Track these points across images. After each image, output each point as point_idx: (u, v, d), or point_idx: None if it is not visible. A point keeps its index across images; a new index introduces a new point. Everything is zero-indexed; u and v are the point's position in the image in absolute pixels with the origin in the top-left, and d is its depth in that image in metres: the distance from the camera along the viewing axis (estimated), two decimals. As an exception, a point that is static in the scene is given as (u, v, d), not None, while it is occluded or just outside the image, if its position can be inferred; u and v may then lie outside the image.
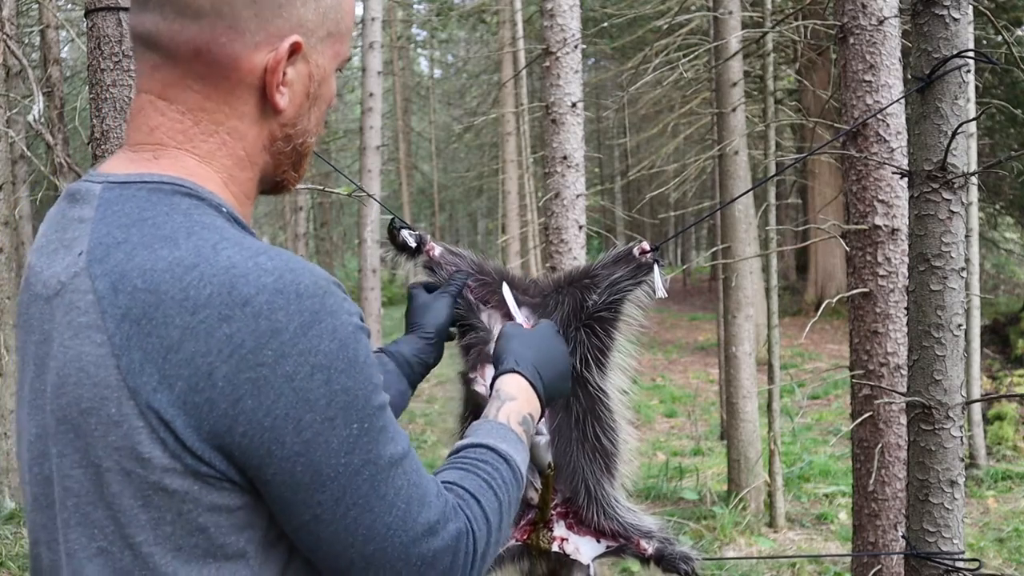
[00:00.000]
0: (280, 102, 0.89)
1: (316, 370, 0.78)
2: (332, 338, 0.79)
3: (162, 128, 0.88)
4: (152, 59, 0.87)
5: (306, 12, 0.88)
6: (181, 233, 0.81)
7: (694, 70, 7.32)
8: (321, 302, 0.80)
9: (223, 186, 0.89)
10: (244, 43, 0.85)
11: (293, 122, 0.92)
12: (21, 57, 4.83)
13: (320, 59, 0.91)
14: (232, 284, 0.77)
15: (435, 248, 1.52)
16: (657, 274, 1.48)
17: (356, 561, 0.83)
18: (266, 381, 0.77)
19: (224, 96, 0.87)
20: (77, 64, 13.03)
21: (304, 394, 0.78)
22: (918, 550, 1.58)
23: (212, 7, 0.84)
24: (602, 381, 1.50)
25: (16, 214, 6.25)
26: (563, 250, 3.30)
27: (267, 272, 0.79)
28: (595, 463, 1.49)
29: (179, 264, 0.78)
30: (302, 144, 0.95)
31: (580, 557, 1.50)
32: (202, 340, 0.76)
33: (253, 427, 0.77)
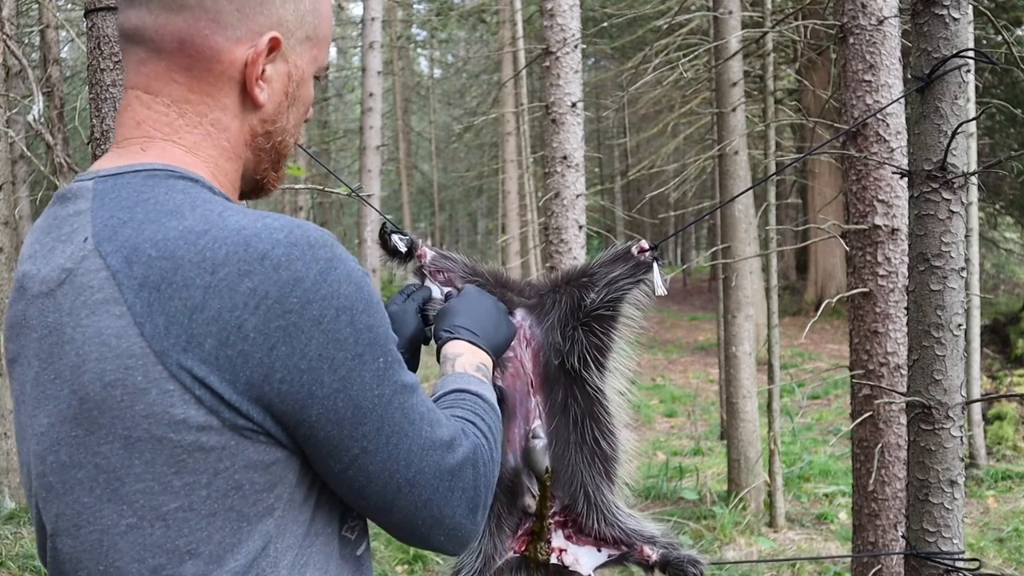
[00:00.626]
0: (259, 96, 0.92)
1: (341, 312, 0.83)
2: (349, 281, 0.84)
3: (148, 121, 0.91)
4: (138, 54, 0.91)
5: (285, 12, 0.92)
6: (186, 207, 0.84)
7: (694, 70, 7.32)
8: (332, 251, 0.84)
9: (211, 175, 0.92)
10: (226, 36, 0.89)
11: (273, 119, 0.96)
12: (21, 57, 4.82)
13: (299, 60, 0.96)
14: (247, 242, 0.81)
15: (427, 253, 1.50)
16: (656, 272, 1.47)
17: (403, 487, 0.89)
18: (296, 327, 0.80)
19: (207, 88, 0.91)
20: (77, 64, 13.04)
21: (333, 335, 0.82)
22: (918, 550, 1.58)
23: (196, 1, 0.88)
24: (600, 382, 1.47)
25: (16, 214, 6.25)
26: (563, 250, 3.30)
27: (277, 229, 0.82)
28: (594, 467, 1.46)
29: (190, 231, 0.81)
30: (281, 143, 0.98)
31: (580, 568, 1.47)
32: (226, 296, 0.79)
33: (290, 371, 0.81)
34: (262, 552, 0.84)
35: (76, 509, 0.84)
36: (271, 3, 0.91)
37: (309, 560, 0.88)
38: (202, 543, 0.82)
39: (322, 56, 0.99)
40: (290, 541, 0.86)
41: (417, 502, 0.91)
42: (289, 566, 0.86)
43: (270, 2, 0.91)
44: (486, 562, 1.45)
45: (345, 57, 22.56)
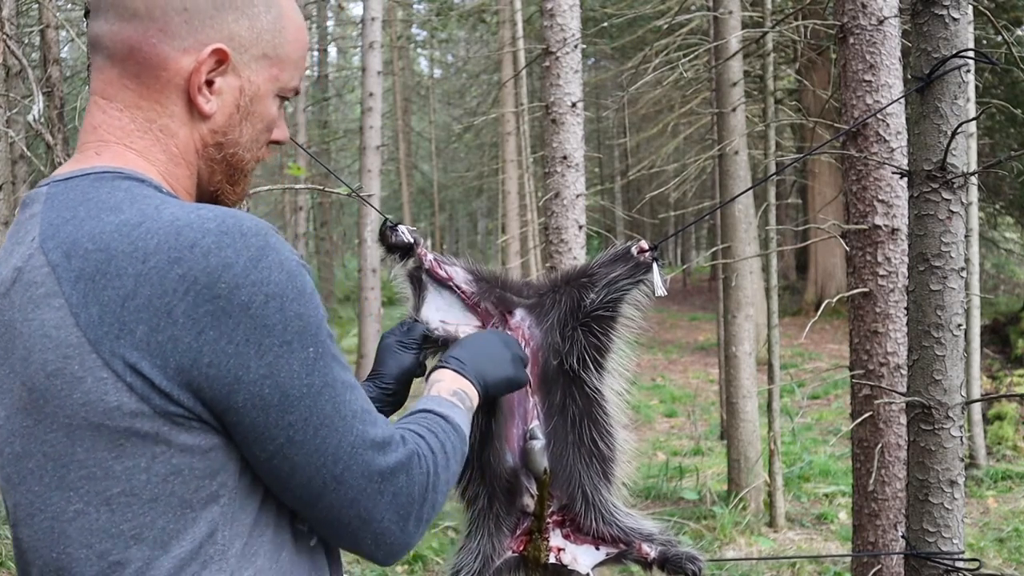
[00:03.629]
0: (204, 106, 0.94)
1: (270, 299, 0.84)
2: (280, 269, 0.85)
3: (104, 126, 0.94)
4: (98, 60, 0.95)
5: (238, 27, 0.94)
6: (125, 203, 0.86)
7: (694, 70, 7.32)
8: (265, 239, 0.85)
9: (162, 178, 0.95)
10: (173, 45, 0.92)
11: (223, 131, 0.97)
12: (21, 57, 4.82)
13: (253, 76, 0.97)
14: (178, 232, 0.83)
15: (427, 253, 1.50)
16: (656, 273, 1.47)
17: (328, 483, 0.89)
18: (224, 311, 0.82)
19: (155, 95, 0.93)
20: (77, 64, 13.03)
21: (261, 320, 0.83)
22: (918, 550, 1.58)
23: (146, 10, 0.91)
24: (599, 383, 1.47)
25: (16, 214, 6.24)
26: (563, 250, 3.29)
27: (209, 219, 0.84)
28: (592, 467, 1.46)
29: (125, 224, 0.84)
30: (234, 155, 0.99)
31: (578, 567, 1.47)
32: (156, 283, 0.81)
33: (218, 355, 0.82)
34: (208, 539, 0.86)
35: (29, 498, 0.87)
36: (222, 17, 0.93)
37: (259, 549, 0.89)
38: (146, 528, 0.84)
39: (285, 76, 1.00)
40: (238, 530, 0.88)
41: (343, 500, 0.90)
42: (238, 555, 0.87)
43: (221, 16, 0.93)
44: (485, 562, 1.45)
45: (345, 57, 22.55)
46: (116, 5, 0.92)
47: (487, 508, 1.45)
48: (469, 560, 1.45)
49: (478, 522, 1.46)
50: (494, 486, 1.45)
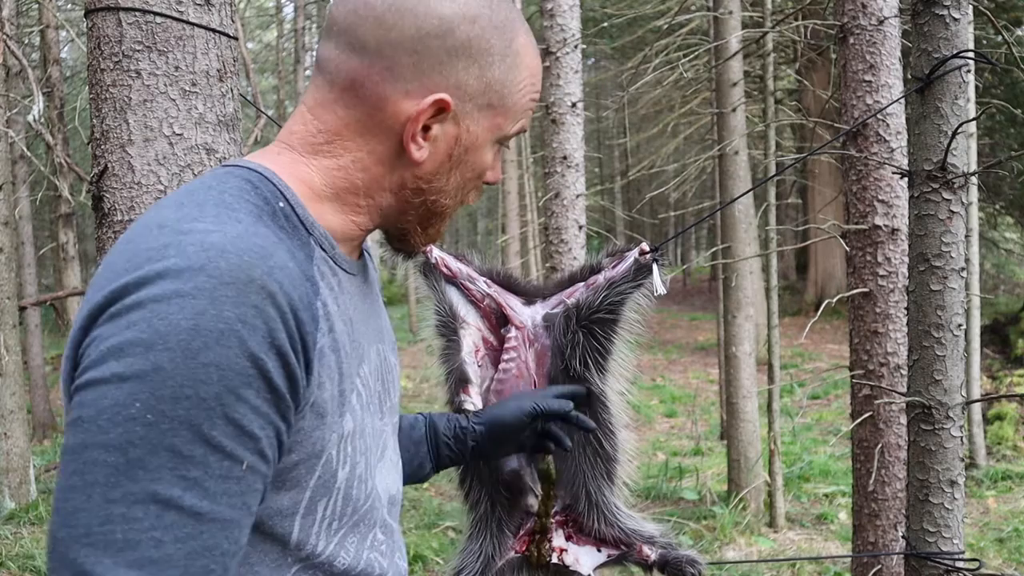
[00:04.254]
0: (415, 153, 0.90)
1: (157, 335, 0.73)
2: (197, 320, 0.74)
3: (298, 135, 0.92)
4: (318, 78, 0.92)
5: (467, 76, 0.89)
6: (188, 203, 0.81)
7: (694, 70, 7.33)
8: (216, 297, 0.74)
9: (317, 197, 0.91)
10: (395, 87, 0.88)
11: (429, 178, 0.93)
12: (21, 57, 4.82)
13: (473, 126, 0.92)
14: (145, 258, 0.77)
15: (432, 249, 1.51)
16: (656, 272, 1.48)
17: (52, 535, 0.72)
18: (119, 313, 0.75)
19: (363, 130, 0.90)
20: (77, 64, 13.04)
21: (131, 341, 0.73)
22: (918, 550, 1.58)
23: (376, 47, 0.88)
24: (602, 384, 1.48)
25: (16, 214, 6.25)
26: (563, 250, 3.30)
27: (191, 247, 0.76)
28: (596, 467, 1.46)
29: (148, 224, 0.80)
30: (434, 203, 0.95)
31: (580, 568, 1.47)
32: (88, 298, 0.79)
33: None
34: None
35: None
36: (452, 65, 0.88)
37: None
38: None
39: (507, 125, 0.95)
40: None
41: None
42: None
43: (451, 64, 0.88)
44: (487, 563, 1.45)
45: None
46: (348, 33, 0.89)
47: (490, 511, 1.45)
48: (471, 560, 1.45)
49: (481, 524, 1.46)
50: (497, 489, 1.45)
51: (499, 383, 1.49)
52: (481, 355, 1.50)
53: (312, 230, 0.88)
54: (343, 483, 0.88)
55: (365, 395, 0.93)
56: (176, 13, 1.48)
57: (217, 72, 1.53)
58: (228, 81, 1.56)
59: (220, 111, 1.55)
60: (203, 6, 1.51)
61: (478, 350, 1.51)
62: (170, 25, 1.48)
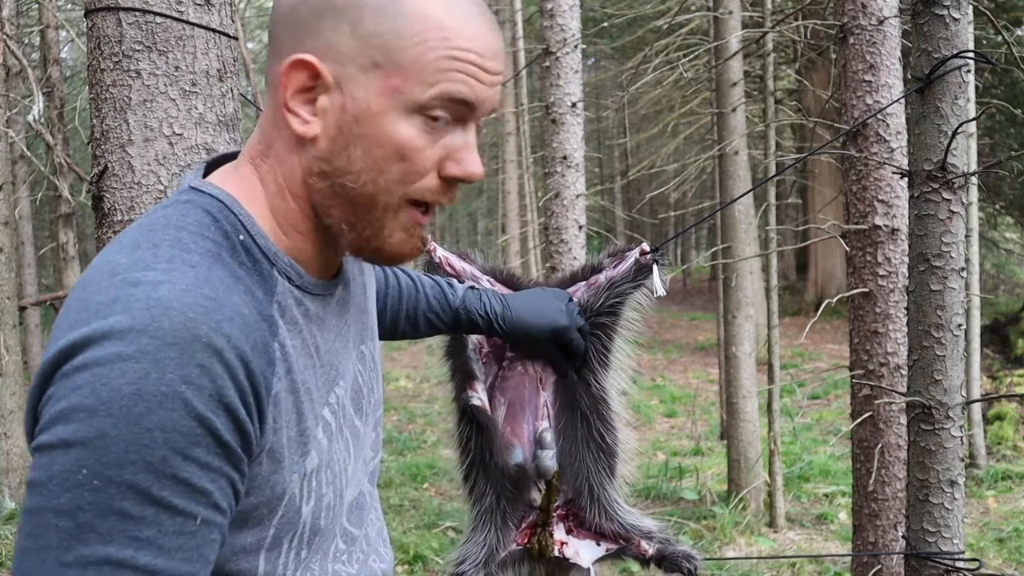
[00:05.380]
0: (298, 128, 0.83)
1: (101, 402, 0.72)
2: (139, 386, 0.72)
3: (249, 142, 0.90)
4: None
5: (337, 35, 0.81)
6: (144, 243, 0.79)
7: (694, 70, 7.33)
8: (149, 362, 0.72)
9: (268, 212, 0.87)
10: (279, 60, 0.84)
11: (327, 158, 0.83)
12: (21, 57, 4.83)
13: (359, 91, 0.81)
14: (92, 313, 0.75)
15: (436, 249, 1.52)
16: (656, 273, 1.49)
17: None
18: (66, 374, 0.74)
19: (274, 118, 0.86)
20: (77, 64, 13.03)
21: (74, 407, 0.73)
22: (918, 550, 1.58)
23: (270, 30, 0.87)
24: (604, 381, 1.50)
25: (16, 214, 6.26)
26: (563, 250, 3.30)
27: (134, 301, 0.74)
28: (599, 462, 1.49)
29: (97, 267, 0.78)
30: (343, 188, 0.84)
31: (580, 561, 1.49)
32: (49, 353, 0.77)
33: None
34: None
35: None
36: (319, 26, 0.81)
37: None
38: None
39: (414, 88, 0.81)
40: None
41: None
42: None
43: (318, 25, 0.81)
44: (490, 553, 1.47)
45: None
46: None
47: (494, 504, 1.47)
48: (475, 551, 1.47)
49: (484, 517, 1.48)
50: (501, 483, 1.47)
51: (503, 380, 1.51)
52: (485, 352, 1.52)
53: (276, 261, 0.84)
54: (309, 516, 0.87)
55: (335, 423, 0.90)
56: (176, 13, 1.48)
57: (217, 72, 1.54)
58: (228, 81, 1.56)
59: (220, 111, 1.55)
60: (203, 6, 1.51)
61: (481, 348, 1.52)
62: (170, 25, 1.48)
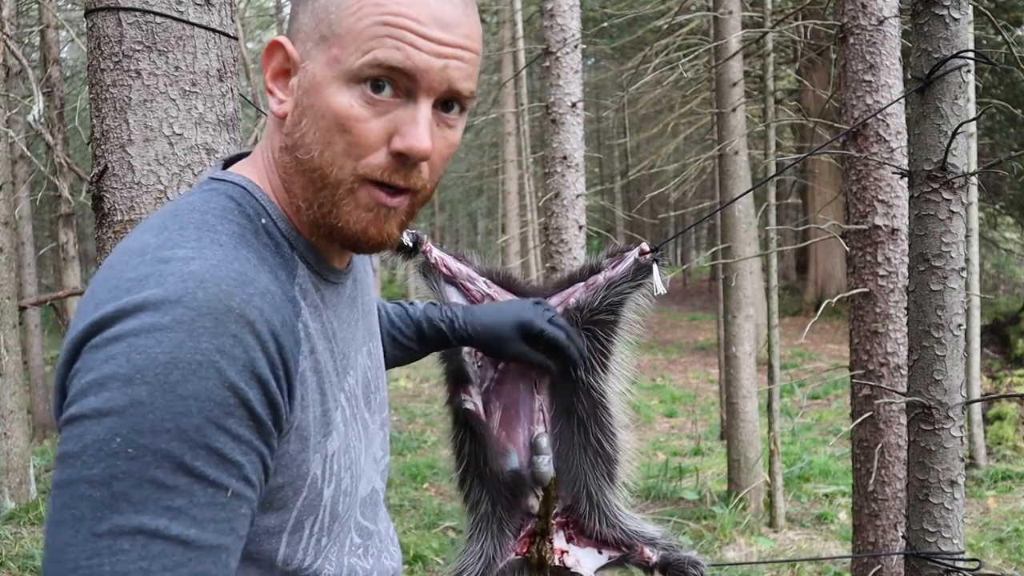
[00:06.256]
0: (274, 107, 0.88)
1: (137, 369, 0.73)
2: (173, 353, 0.73)
3: (267, 128, 0.93)
4: None
5: (303, 16, 0.86)
6: (171, 226, 0.81)
7: (694, 70, 7.33)
8: (186, 319, 0.74)
9: (272, 194, 0.90)
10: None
11: (289, 132, 0.86)
12: (21, 57, 4.82)
13: (312, 65, 0.84)
14: (123, 290, 0.77)
15: (432, 249, 1.51)
16: (656, 273, 1.48)
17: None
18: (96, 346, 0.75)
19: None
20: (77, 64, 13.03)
21: (108, 375, 0.74)
22: (918, 550, 1.58)
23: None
24: (603, 384, 1.48)
25: (16, 214, 6.26)
26: (563, 250, 3.30)
27: (166, 276, 0.76)
28: (597, 468, 1.46)
29: (128, 249, 0.79)
30: (298, 161, 0.85)
31: (581, 569, 1.47)
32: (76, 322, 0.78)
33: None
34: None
35: None
36: (296, 11, 0.88)
37: None
38: None
39: (349, 56, 0.81)
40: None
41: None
42: None
43: (295, 10, 0.88)
44: (488, 564, 1.45)
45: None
46: None
47: (490, 512, 1.45)
48: (472, 562, 1.45)
49: (481, 525, 1.45)
50: (497, 489, 1.45)
51: (498, 383, 1.50)
52: (480, 356, 1.50)
53: (296, 245, 0.87)
54: (329, 500, 0.88)
55: (349, 409, 0.92)
56: (176, 13, 1.48)
57: (217, 72, 1.53)
58: (228, 81, 1.56)
59: (220, 111, 1.55)
60: (203, 6, 1.51)
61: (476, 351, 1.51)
62: (170, 25, 1.48)
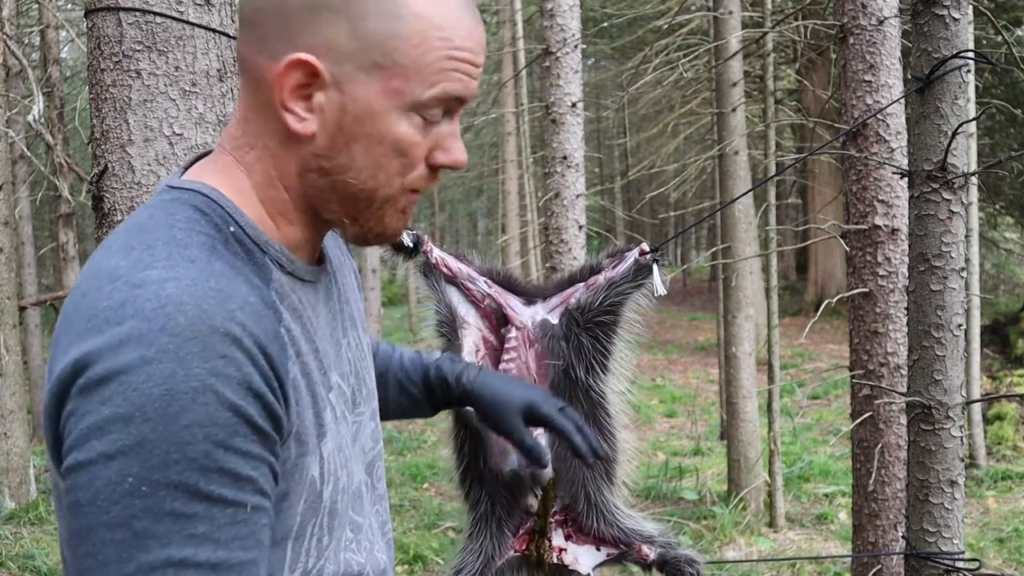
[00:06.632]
0: (295, 125, 0.82)
1: (135, 407, 0.73)
2: (166, 385, 0.74)
3: (228, 134, 0.89)
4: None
5: (334, 33, 0.80)
6: (139, 245, 0.79)
7: (694, 70, 7.33)
8: (175, 344, 0.74)
9: (256, 201, 0.87)
10: (268, 55, 0.82)
11: (327, 154, 0.84)
12: (21, 57, 4.83)
13: (360, 91, 0.81)
14: (106, 306, 0.76)
15: (433, 250, 1.51)
16: (656, 273, 1.48)
17: None
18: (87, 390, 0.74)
19: (261, 109, 0.85)
20: (77, 64, 13.03)
21: (110, 417, 0.73)
22: (918, 550, 1.58)
23: (249, 16, 0.84)
24: (603, 384, 1.49)
25: (16, 214, 6.26)
26: (563, 250, 3.30)
27: (143, 301, 0.75)
28: (595, 468, 1.47)
29: (99, 272, 0.77)
30: (345, 184, 0.85)
31: (579, 567, 1.48)
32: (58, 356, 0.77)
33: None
34: None
35: None
36: (316, 22, 0.80)
37: None
38: None
39: (415, 88, 0.81)
40: None
41: None
42: None
43: (315, 21, 0.80)
44: (487, 562, 1.46)
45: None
46: (239, 14, 0.87)
47: (490, 511, 1.46)
48: (471, 560, 1.46)
49: (480, 524, 1.47)
50: (496, 489, 1.46)
51: None
52: (481, 355, 1.51)
53: (267, 249, 0.85)
54: (328, 500, 0.88)
55: (338, 407, 0.92)
56: (176, 13, 1.48)
57: (217, 72, 1.54)
58: (228, 81, 1.56)
59: (220, 111, 1.55)
60: (203, 6, 1.51)
61: (478, 350, 1.51)
62: (170, 25, 1.48)
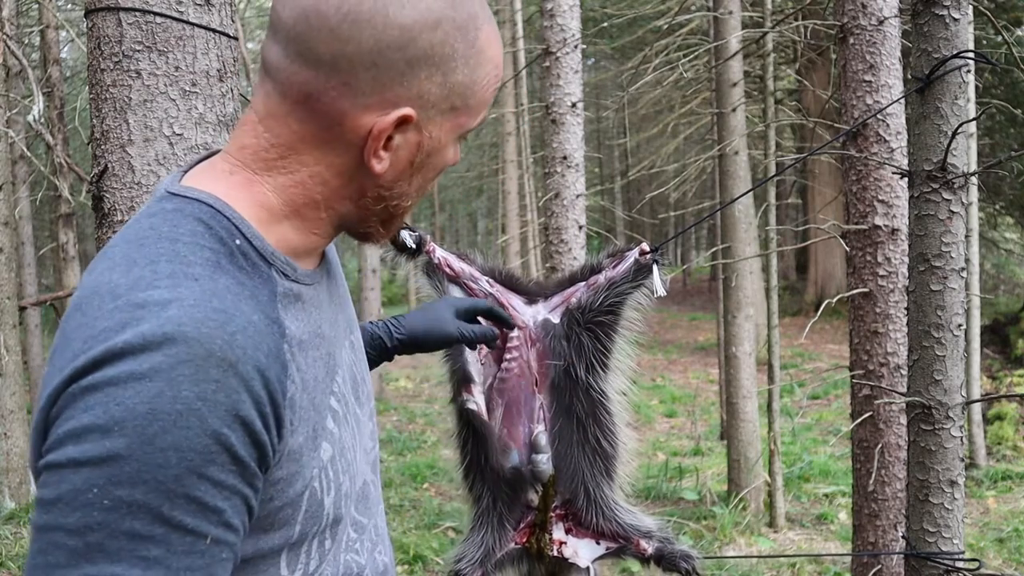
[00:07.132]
0: (376, 167, 0.85)
1: (114, 422, 0.72)
2: (150, 402, 0.74)
3: (250, 149, 0.87)
4: (267, 86, 0.86)
5: (429, 85, 0.84)
6: (139, 259, 0.78)
7: (694, 70, 7.33)
8: (171, 362, 0.74)
9: (278, 217, 0.87)
10: (354, 102, 0.82)
11: (390, 185, 0.88)
12: (21, 57, 4.83)
13: (436, 131, 0.87)
14: (97, 338, 0.75)
15: (435, 250, 1.52)
16: (656, 273, 1.49)
17: None
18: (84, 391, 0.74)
19: (318, 144, 0.85)
20: (77, 64, 13.03)
21: (86, 425, 0.73)
22: (918, 550, 1.58)
23: (332, 60, 0.81)
24: (603, 383, 1.51)
25: (16, 214, 6.25)
26: (563, 250, 3.30)
27: (145, 321, 0.75)
28: (595, 466, 1.50)
29: (98, 285, 0.77)
30: (396, 206, 0.91)
31: (579, 560, 1.51)
32: (53, 372, 0.76)
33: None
34: None
35: None
36: (414, 75, 0.82)
37: None
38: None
39: (470, 122, 0.90)
40: None
41: None
42: None
43: (413, 74, 0.82)
44: (487, 553, 1.49)
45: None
46: (299, 43, 0.82)
47: (491, 506, 1.49)
48: (472, 550, 1.49)
49: (482, 518, 1.50)
50: (498, 485, 1.48)
51: (501, 381, 1.52)
52: (484, 353, 1.52)
53: (273, 261, 0.84)
54: (331, 507, 0.88)
55: (341, 410, 0.91)
56: (176, 13, 1.48)
57: (217, 72, 1.54)
58: (228, 81, 1.56)
59: (220, 111, 1.55)
60: (203, 6, 1.51)
61: (481, 348, 1.53)
62: (170, 25, 1.48)
